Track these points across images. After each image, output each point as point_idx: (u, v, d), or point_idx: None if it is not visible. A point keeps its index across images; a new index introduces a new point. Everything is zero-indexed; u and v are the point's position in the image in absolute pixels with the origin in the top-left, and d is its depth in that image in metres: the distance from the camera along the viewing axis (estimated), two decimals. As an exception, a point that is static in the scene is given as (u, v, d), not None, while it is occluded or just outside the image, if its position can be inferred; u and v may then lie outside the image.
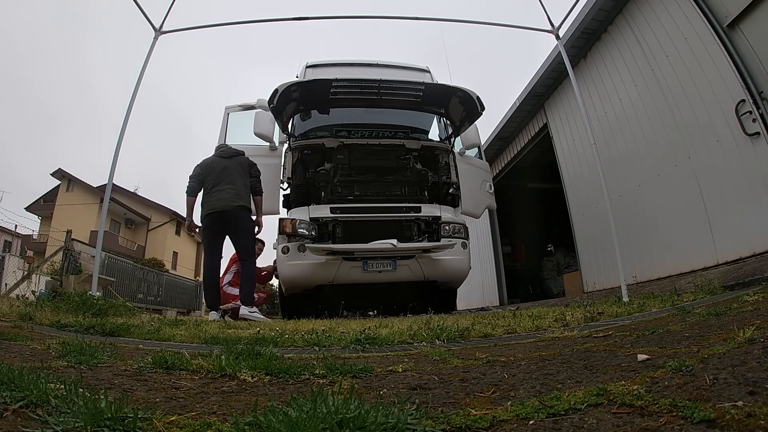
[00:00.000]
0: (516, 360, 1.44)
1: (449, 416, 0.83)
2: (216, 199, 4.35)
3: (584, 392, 0.90)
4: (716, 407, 0.72)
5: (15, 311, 2.89)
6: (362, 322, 3.27)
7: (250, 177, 4.57)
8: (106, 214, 4.58)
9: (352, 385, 1.17)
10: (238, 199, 4.37)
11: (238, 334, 2.41)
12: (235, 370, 1.31)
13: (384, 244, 4.66)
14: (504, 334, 2.17)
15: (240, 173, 4.49)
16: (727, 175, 4.17)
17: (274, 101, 4.78)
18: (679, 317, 2.01)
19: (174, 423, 0.81)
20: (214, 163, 4.54)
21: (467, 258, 5.24)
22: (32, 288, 8.79)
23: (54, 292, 6.65)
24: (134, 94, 4.51)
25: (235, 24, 5.46)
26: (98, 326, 2.41)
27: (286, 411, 0.78)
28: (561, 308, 3.18)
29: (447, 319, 3.02)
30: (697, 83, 4.45)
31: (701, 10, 4.27)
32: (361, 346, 1.96)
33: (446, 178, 5.65)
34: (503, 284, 10.05)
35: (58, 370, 1.26)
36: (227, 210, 4.31)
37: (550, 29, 4.84)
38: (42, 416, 0.78)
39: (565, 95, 7.15)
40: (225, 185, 4.38)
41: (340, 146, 5.45)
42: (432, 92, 5.49)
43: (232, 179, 4.42)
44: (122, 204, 25.26)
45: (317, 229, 4.90)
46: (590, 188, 6.44)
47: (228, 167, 4.48)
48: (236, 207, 4.33)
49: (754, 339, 1.18)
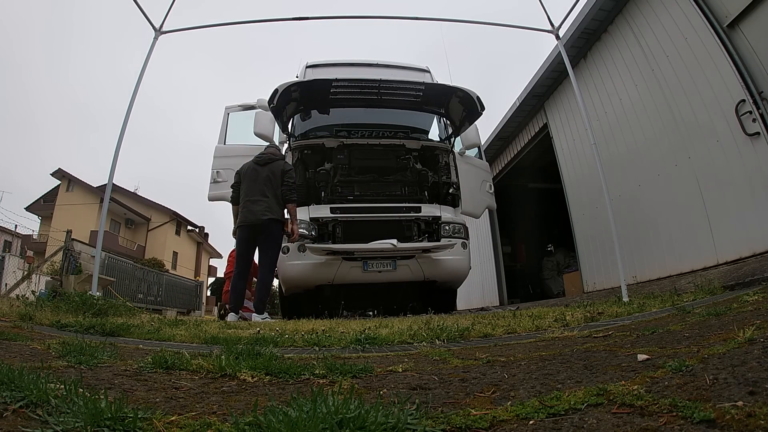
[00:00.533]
0: (516, 360, 1.44)
1: (449, 416, 0.83)
2: (247, 211, 4.35)
3: (584, 392, 0.90)
4: (716, 407, 0.72)
5: (15, 311, 2.89)
6: (362, 322, 3.27)
7: (282, 185, 4.45)
8: (106, 214, 4.58)
9: (352, 385, 1.17)
10: (269, 212, 4.33)
11: (238, 334, 2.41)
12: (235, 370, 1.31)
13: (384, 244, 4.67)
14: (504, 334, 2.17)
15: (272, 182, 4.42)
16: (727, 175, 4.16)
17: (274, 101, 4.79)
18: (679, 317, 2.01)
19: (174, 423, 0.81)
20: (249, 171, 4.50)
21: (467, 258, 5.24)
22: (32, 288, 8.79)
23: (54, 292, 6.65)
24: (134, 93, 4.51)
25: (235, 24, 5.46)
26: (98, 326, 2.41)
27: (286, 411, 0.78)
28: (561, 308, 3.18)
29: (447, 319, 3.02)
30: (697, 83, 4.44)
31: (701, 10, 4.27)
32: (361, 346, 1.96)
33: (446, 178, 5.65)
34: (503, 284, 10.05)
35: (58, 370, 1.26)
36: (257, 224, 4.31)
37: (550, 29, 4.84)
38: (42, 416, 0.78)
39: (565, 95, 7.16)
40: (257, 196, 4.36)
41: (340, 146, 5.45)
42: (432, 92, 5.49)
43: (264, 189, 4.38)
44: (122, 204, 25.26)
45: (317, 229, 4.91)
46: (590, 188, 6.44)
47: (261, 175, 4.43)
48: (266, 221, 4.30)
49: (754, 339, 1.18)
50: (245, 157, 5.38)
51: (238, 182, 4.54)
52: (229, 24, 5.40)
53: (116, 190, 23.31)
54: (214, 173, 5.29)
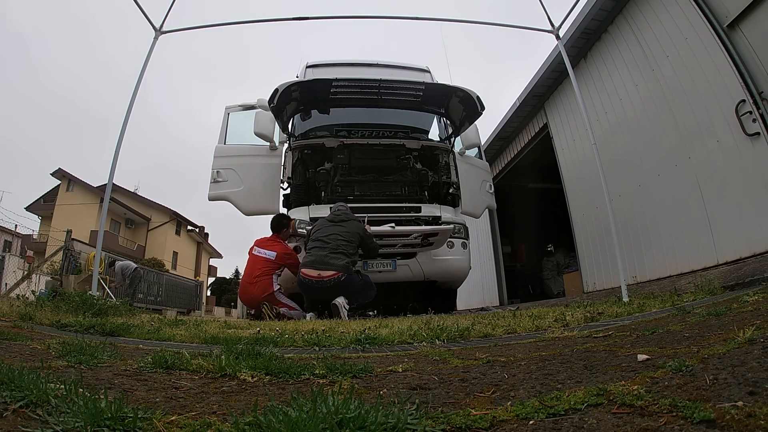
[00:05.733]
0: (516, 360, 1.44)
1: (449, 416, 0.83)
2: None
3: (584, 392, 0.90)
4: (716, 407, 0.72)
5: (15, 311, 2.89)
6: (362, 322, 3.27)
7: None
8: (106, 214, 4.58)
9: (352, 385, 1.17)
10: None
11: (238, 334, 2.41)
12: (235, 370, 1.30)
13: (382, 228, 4.65)
14: (504, 334, 2.17)
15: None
16: (727, 176, 4.16)
17: (274, 101, 4.78)
18: (679, 317, 2.01)
19: (174, 423, 0.81)
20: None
21: (467, 258, 5.24)
22: (32, 288, 8.80)
23: (54, 291, 6.65)
24: (134, 93, 4.51)
25: (234, 24, 5.46)
26: (98, 326, 2.41)
27: (286, 411, 0.78)
28: (561, 308, 3.17)
29: (447, 319, 3.02)
30: (697, 83, 4.44)
31: (701, 10, 4.27)
32: (361, 346, 1.96)
33: (446, 178, 5.65)
34: (503, 284, 10.05)
35: (58, 370, 1.26)
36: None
37: (550, 29, 4.84)
38: (42, 416, 0.78)
39: (565, 95, 7.15)
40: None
41: (340, 146, 5.45)
42: (432, 92, 5.49)
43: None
44: (122, 204, 25.27)
45: None
46: (590, 188, 6.44)
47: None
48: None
49: (754, 339, 1.18)
50: (245, 157, 5.36)
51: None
52: (229, 24, 5.40)
53: (116, 190, 23.31)
54: (214, 173, 5.28)
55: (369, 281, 4.32)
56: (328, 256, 4.11)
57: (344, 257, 4.13)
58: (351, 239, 4.24)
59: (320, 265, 4.07)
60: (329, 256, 4.10)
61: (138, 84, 4.52)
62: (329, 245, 4.17)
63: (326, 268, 4.04)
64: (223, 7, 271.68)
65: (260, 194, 5.16)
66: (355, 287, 4.13)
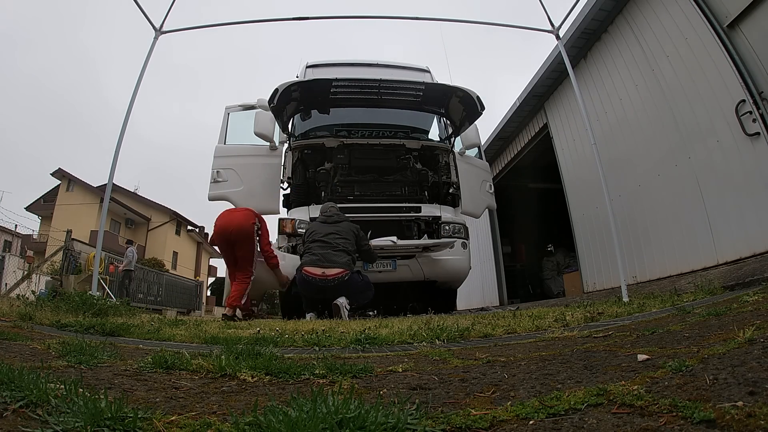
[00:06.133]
0: (516, 360, 1.44)
1: (449, 416, 0.83)
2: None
3: (584, 392, 0.90)
4: (716, 407, 0.72)
5: (15, 311, 2.89)
6: (362, 322, 3.27)
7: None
8: (106, 214, 4.58)
9: (352, 385, 1.16)
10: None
11: (238, 334, 2.41)
12: (235, 370, 1.30)
13: (384, 241, 4.66)
14: (504, 334, 2.17)
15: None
16: (727, 176, 4.16)
17: (274, 101, 4.78)
18: (679, 317, 2.01)
19: (174, 423, 0.81)
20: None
21: (467, 258, 5.24)
22: (32, 288, 8.80)
23: (54, 291, 6.66)
24: (134, 93, 4.51)
25: (234, 24, 5.46)
26: (98, 326, 2.41)
27: (286, 411, 0.78)
28: (561, 308, 3.17)
29: (447, 319, 3.02)
30: (697, 83, 4.44)
31: (701, 10, 4.27)
32: (361, 346, 1.96)
33: (446, 178, 5.65)
34: (503, 284, 10.05)
35: (58, 369, 1.26)
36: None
37: (550, 29, 4.84)
38: (42, 416, 0.78)
39: (565, 95, 7.15)
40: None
41: (340, 146, 5.45)
42: (432, 92, 5.49)
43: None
44: (122, 204, 25.25)
45: None
46: (590, 188, 6.44)
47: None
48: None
49: (754, 339, 1.18)
50: (245, 157, 5.36)
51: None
52: (229, 24, 5.41)
53: (116, 190, 23.30)
54: (215, 173, 5.28)
55: (369, 282, 4.33)
56: (331, 253, 4.13)
57: (346, 255, 4.17)
58: (348, 237, 4.28)
59: (325, 262, 4.09)
60: (332, 254, 4.13)
61: (138, 84, 4.52)
62: (330, 244, 4.18)
63: (330, 266, 4.06)
64: (222, 7, 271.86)
65: (260, 194, 5.16)
66: (356, 287, 4.15)
